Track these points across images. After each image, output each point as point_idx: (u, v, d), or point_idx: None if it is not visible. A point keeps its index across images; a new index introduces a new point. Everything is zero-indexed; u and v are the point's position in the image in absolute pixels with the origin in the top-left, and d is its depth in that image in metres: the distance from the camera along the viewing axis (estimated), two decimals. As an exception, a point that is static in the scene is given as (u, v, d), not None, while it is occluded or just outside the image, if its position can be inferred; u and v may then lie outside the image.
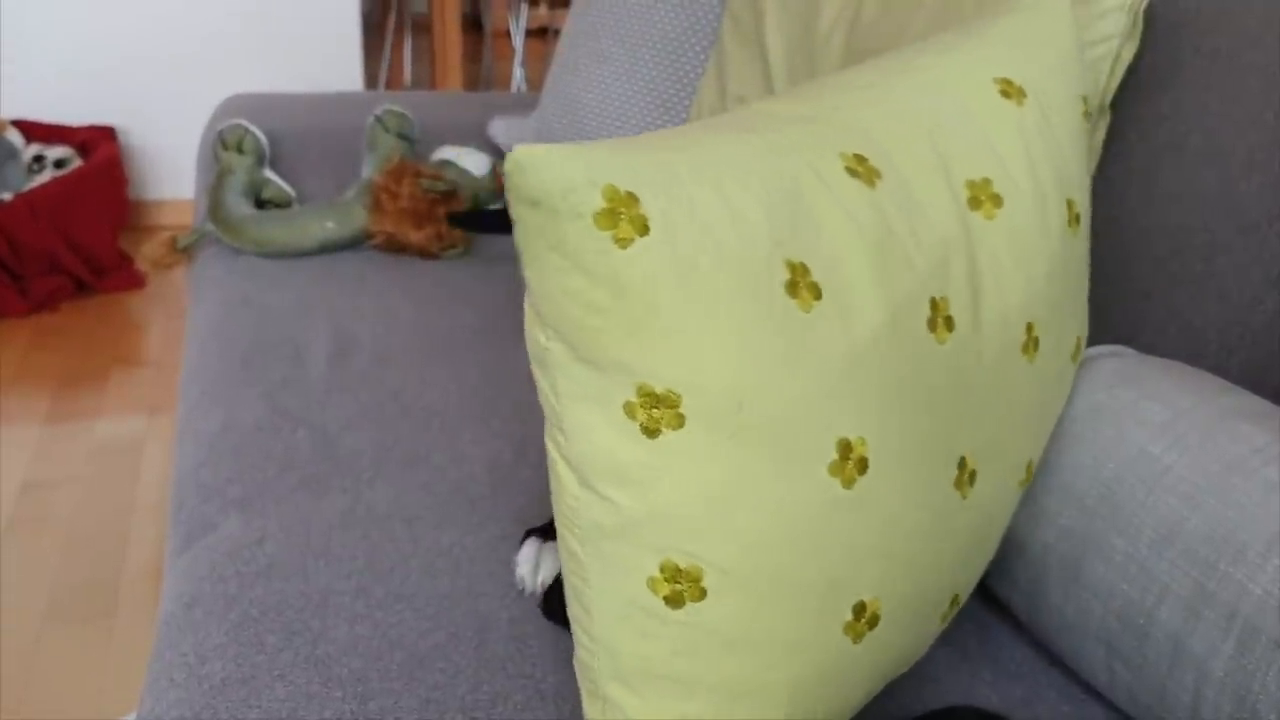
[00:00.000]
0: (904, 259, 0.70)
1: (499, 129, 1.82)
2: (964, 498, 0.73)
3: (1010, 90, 0.81)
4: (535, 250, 0.61)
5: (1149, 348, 1.05)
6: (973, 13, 1.22)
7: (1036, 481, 0.83)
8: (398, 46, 4.83)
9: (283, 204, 1.63)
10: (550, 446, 0.67)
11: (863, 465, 0.66)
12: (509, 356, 1.29)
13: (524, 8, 3.99)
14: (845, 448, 0.65)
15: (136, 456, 2.13)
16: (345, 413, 1.16)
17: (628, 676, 0.66)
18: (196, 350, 1.36)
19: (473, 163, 1.61)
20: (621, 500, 0.63)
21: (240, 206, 1.55)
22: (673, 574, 0.64)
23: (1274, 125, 1.02)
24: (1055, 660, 0.86)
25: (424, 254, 1.56)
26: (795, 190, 0.67)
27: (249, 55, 3.17)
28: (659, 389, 0.61)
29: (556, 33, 6.16)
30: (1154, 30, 1.16)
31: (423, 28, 6.08)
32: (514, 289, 1.47)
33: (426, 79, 4.98)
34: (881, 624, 0.69)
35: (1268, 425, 0.76)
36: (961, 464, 0.72)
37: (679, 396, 0.62)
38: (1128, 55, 1.15)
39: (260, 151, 1.63)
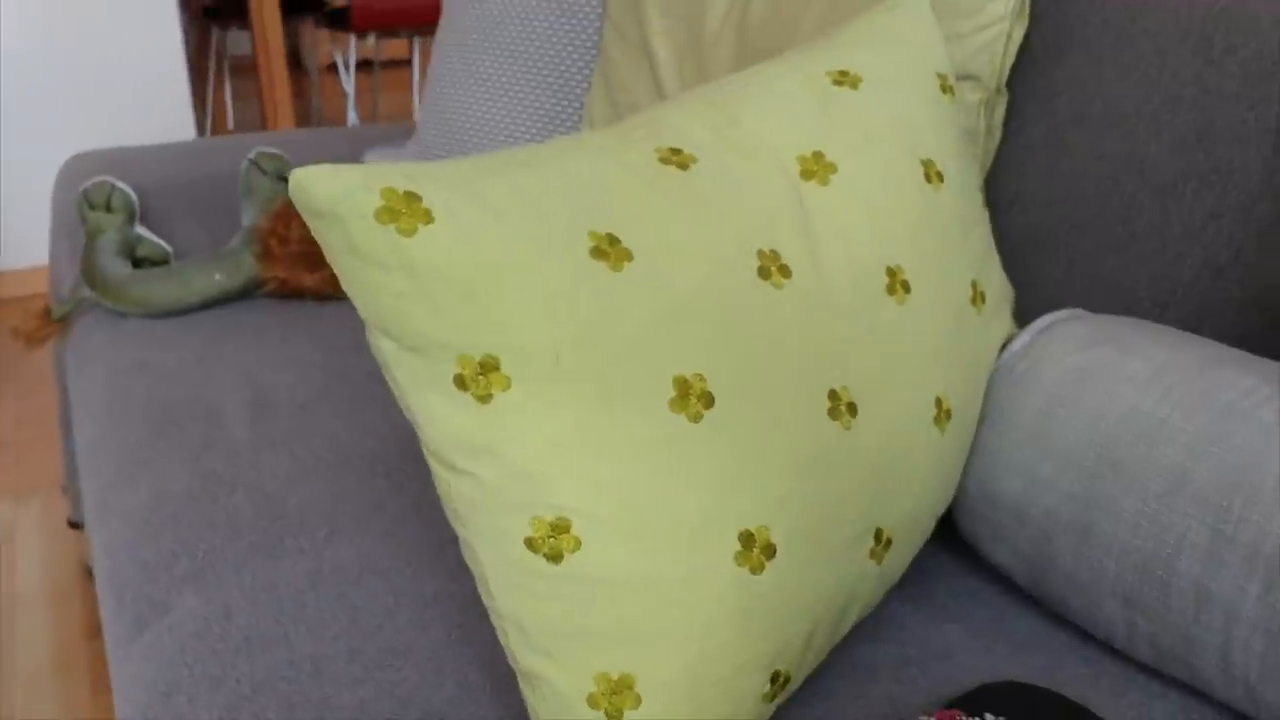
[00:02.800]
0: (722, 222, 0.75)
1: (378, 158, 1.77)
2: (846, 428, 0.76)
3: (844, 79, 0.89)
4: (337, 258, 0.68)
5: (1092, 309, 1.07)
6: (861, 7, 1.24)
7: (1028, 449, 0.84)
8: (219, 90, 4.67)
9: (159, 261, 1.55)
10: (423, 449, 0.73)
11: (707, 399, 0.70)
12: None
13: (352, 41, 3.91)
14: (683, 385, 0.70)
15: (9, 547, 2.00)
16: (282, 469, 1.11)
17: (539, 644, 0.70)
18: (93, 423, 1.28)
19: (358, 198, 1.56)
20: (479, 470, 0.69)
21: (117, 267, 1.47)
22: (545, 530, 0.68)
23: (1171, 86, 1.06)
24: (1064, 624, 0.88)
25: (320, 297, 1.50)
26: (600, 177, 0.73)
27: (66, 114, 3.03)
28: (477, 356, 0.67)
29: (384, 64, 6.06)
30: (1039, 6, 1.19)
31: (238, 70, 5.91)
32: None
33: (252, 121, 4.83)
34: (781, 553, 0.72)
35: (1247, 369, 0.78)
36: (834, 396, 0.76)
37: (497, 358, 0.67)
38: (1018, 34, 1.19)
39: (130, 208, 1.55)
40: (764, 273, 0.75)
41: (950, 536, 1.00)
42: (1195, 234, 1.03)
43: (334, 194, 0.67)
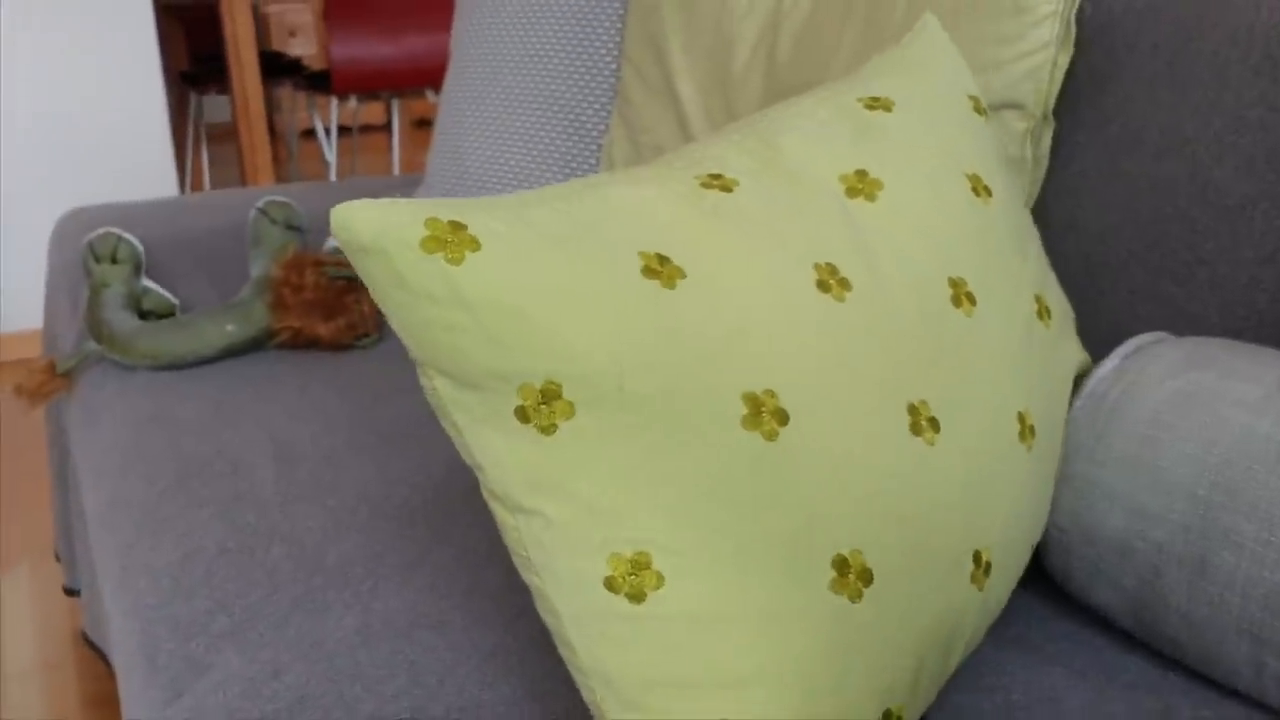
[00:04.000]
0: (771, 237, 0.72)
1: (382, 212, 1.73)
2: (930, 444, 0.72)
3: (877, 103, 0.87)
4: (385, 295, 0.65)
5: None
6: (891, 38, 1.22)
7: (1131, 480, 0.79)
8: (196, 155, 4.63)
9: (166, 314, 1.50)
10: (484, 494, 0.68)
11: (781, 416, 0.67)
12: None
13: (333, 104, 3.89)
14: (754, 402, 0.66)
15: (-1, 617, 1.91)
16: (315, 522, 1.05)
17: (629, 697, 0.65)
18: (107, 480, 1.22)
19: (372, 246, 1.51)
20: (548, 509, 0.65)
21: (125, 320, 1.41)
22: (624, 568, 0.64)
23: (1234, 108, 1.04)
24: (1173, 665, 0.83)
25: (336, 346, 1.45)
26: (643, 202, 0.71)
27: (53, 179, 2.97)
28: (538, 384, 0.64)
29: (362, 129, 6.04)
30: (1085, 34, 1.17)
31: (213, 136, 5.87)
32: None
33: (230, 186, 4.79)
34: (879, 579, 0.68)
35: (1366, 387, 0.74)
36: (913, 411, 0.72)
37: (559, 385, 0.64)
38: (1064, 61, 1.16)
39: (137, 259, 1.49)
40: (823, 285, 0.72)
41: (1034, 577, 0.96)
42: (1269, 258, 1.00)
43: (378, 227, 0.64)
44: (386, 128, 6.21)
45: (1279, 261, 0.99)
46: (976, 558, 0.74)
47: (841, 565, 0.66)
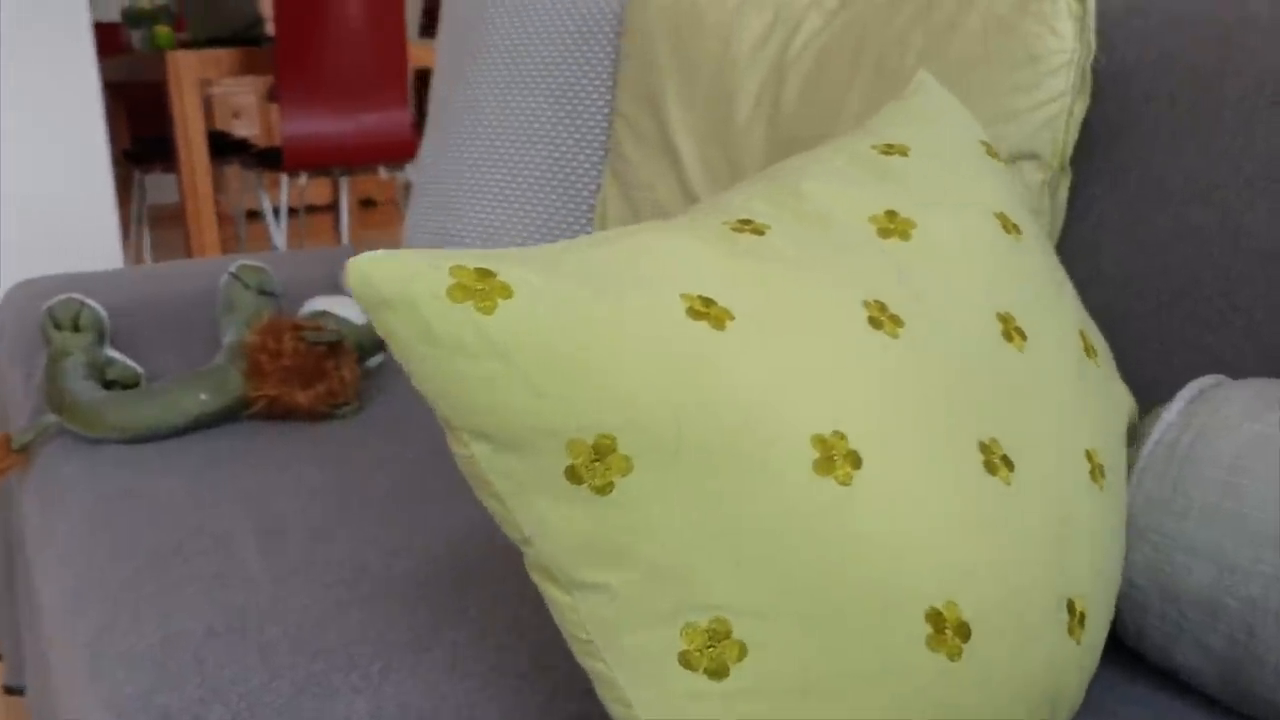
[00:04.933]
0: (814, 277, 0.68)
1: (356, 279, 1.66)
2: (1007, 484, 0.67)
3: (892, 149, 0.84)
4: (411, 353, 0.60)
5: (1194, 391, 1.00)
6: (898, 87, 1.19)
7: (1216, 531, 0.74)
8: (139, 236, 4.53)
9: (131, 384, 1.41)
10: (530, 571, 0.62)
11: (854, 459, 0.61)
12: (466, 509, 1.13)
13: (284, 182, 3.82)
14: (824, 445, 0.60)
15: (-64, 717, 1.78)
16: (312, 601, 0.97)
17: None
18: (71, 561, 1.12)
19: (351, 311, 1.45)
20: (611, 580, 0.59)
21: (89, 390, 1.32)
22: (701, 639, 0.58)
23: (1264, 151, 1.01)
24: (1263, 729, 0.77)
25: (314, 415, 1.37)
26: (676, 248, 0.66)
27: (-4, 250, 2.87)
28: (590, 439, 0.58)
29: (307, 209, 5.97)
30: (1099, 85, 1.15)
31: (155, 220, 5.77)
32: (435, 437, 1.31)
33: (174, 266, 4.68)
34: (977, 633, 0.61)
35: None
36: (985, 449, 0.67)
37: (613, 438, 0.58)
38: (1080, 111, 1.14)
39: (100, 327, 1.41)
40: (875, 323, 0.67)
41: (1087, 641, 0.90)
42: (1312, 303, 0.97)
43: (400, 277, 0.59)
44: (332, 208, 6.15)
45: (1322, 306, 0.96)
46: (1070, 607, 0.68)
47: (937, 620, 0.60)
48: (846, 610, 0.58)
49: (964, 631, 0.61)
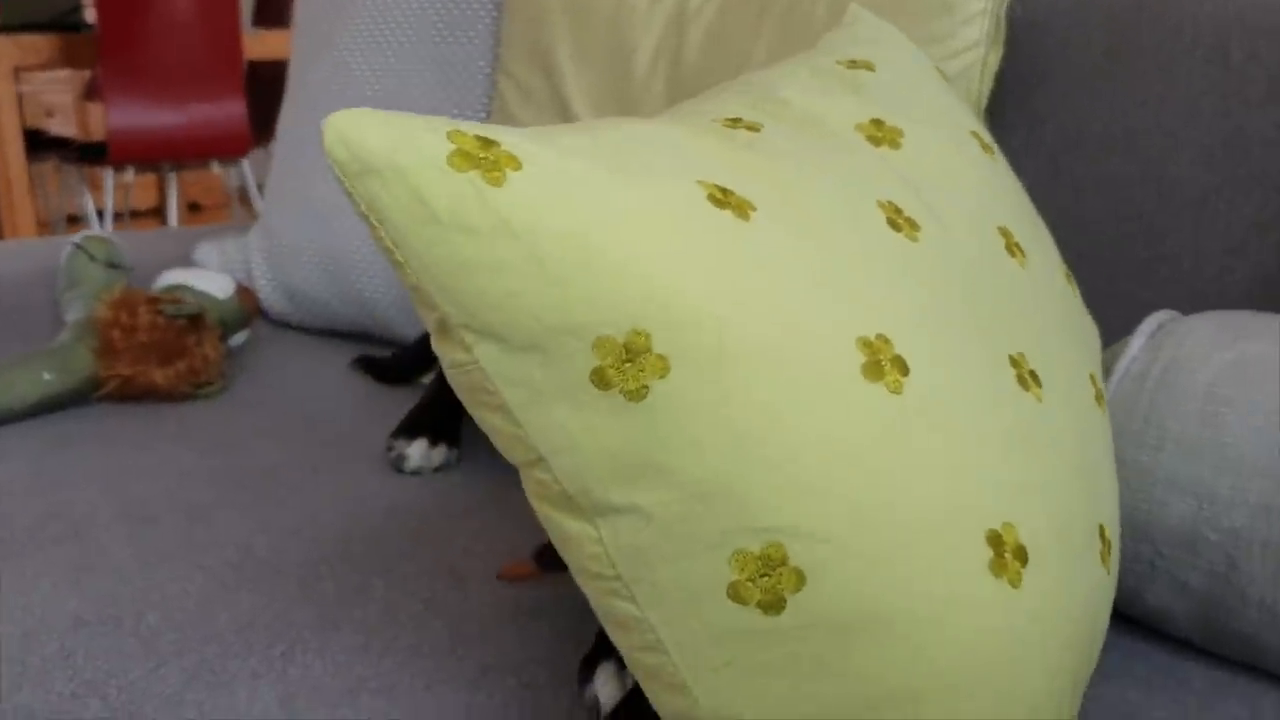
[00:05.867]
0: (823, 174, 0.61)
1: (210, 253, 1.54)
2: (1040, 401, 0.62)
3: (856, 64, 0.78)
4: (401, 233, 0.50)
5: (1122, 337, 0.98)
6: (820, 33, 1.14)
7: (1195, 464, 0.71)
8: (-55, 235, 4.20)
9: (-40, 367, 1.26)
10: (538, 503, 0.53)
11: (901, 365, 0.54)
12: (359, 487, 1.03)
13: (109, 179, 3.59)
14: (870, 348, 0.54)
15: None
16: (193, 585, 0.86)
17: None
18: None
19: (212, 284, 1.33)
20: (646, 501, 0.50)
21: (-88, 372, 1.17)
22: (753, 567, 0.50)
23: (1185, 99, 1.00)
24: (1241, 669, 0.74)
25: (174, 396, 1.25)
26: (675, 138, 0.59)
27: None
28: (621, 335, 0.50)
29: (134, 214, 5.64)
30: (1014, 35, 1.13)
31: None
32: (312, 415, 1.20)
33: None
34: (1034, 559, 0.55)
35: None
36: (1015, 363, 0.62)
37: (647, 335, 0.50)
38: (994, 61, 1.11)
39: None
40: (894, 224, 0.61)
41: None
42: (1238, 247, 0.96)
43: (389, 139, 0.50)
44: (158, 211, 5.83)
45: (1249, 250, 0.95)
46: (1101, 533, 0.63)
47: (996, 542, 0.53)
48: (909, 531, 0.51)
49: (1022, 556, 0.55)
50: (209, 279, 1.33)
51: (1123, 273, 1.02)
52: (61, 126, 5.60)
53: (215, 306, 1.31)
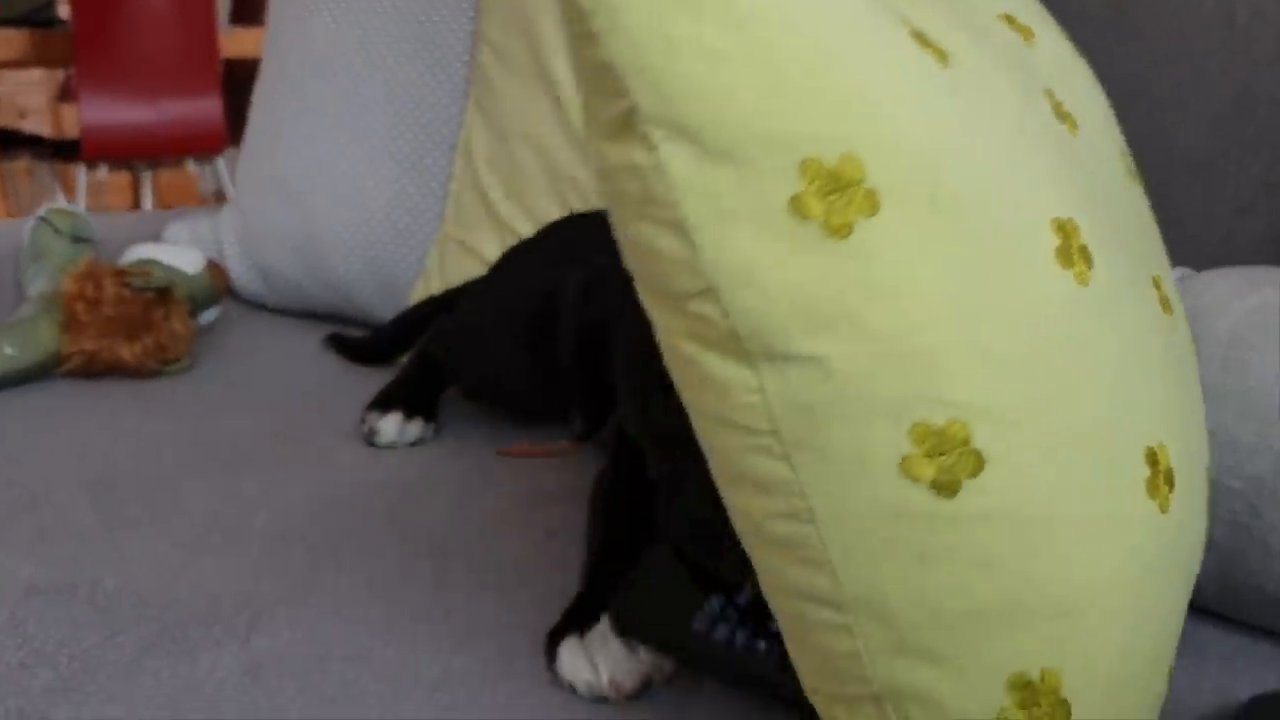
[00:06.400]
0: (990, 46, 0.56)
1: (181, 232, 1.49)
2: (1174, 330, 0.58)
3: None
4: (597, 7, 0.43)
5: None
6: None
7: (1215, 411, 0.67)
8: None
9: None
10: (685, 342, 0.46)
11: (1086, 256, 0.50)
12: (332, 459, 0.98)
13: (82, 177, 3.53)
14: (1063, 231, 0.49)
15: None
16: (156, 552, 0.81)
17: (920, 641, 0.45)
18: None
19: (181, 258, 1.28)
20: (830, 351, 0.45)
21: None
22: (933, 442, 0.45)
23: (1190, 59, 0.97)
24: (1261, 635, 0.71)
25: (140, 372, 1.20)
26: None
27: None
28: (832, 160, 0.44)
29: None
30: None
31: (-70, 220, 5.29)
32: (284, 393, 1.15)
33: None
34: (1179, 484, 0.52)
35: None
36: (1156, 283, 0.58)
37: (862, 164, 0.44)
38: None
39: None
40: (1058, 113, 0.57)
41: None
42: (1248, 208, 0.92)
43: None
44: (133, 211, 5.77)
45: (1258, 211, 0.92)
46: (1209, 475, 0.60)
47: (1153, 461, 0.50)
48: (1083, 433, 0.47)
49: (1170, 479, 0.51)
50: (178, 253, 1.29)
51: (1126, 238, 0.98)
52: (35, 127, 5.53)
53: (184, 281, 1.26)
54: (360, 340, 1.28)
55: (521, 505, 0.89)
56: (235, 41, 3.63)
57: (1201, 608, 0.72)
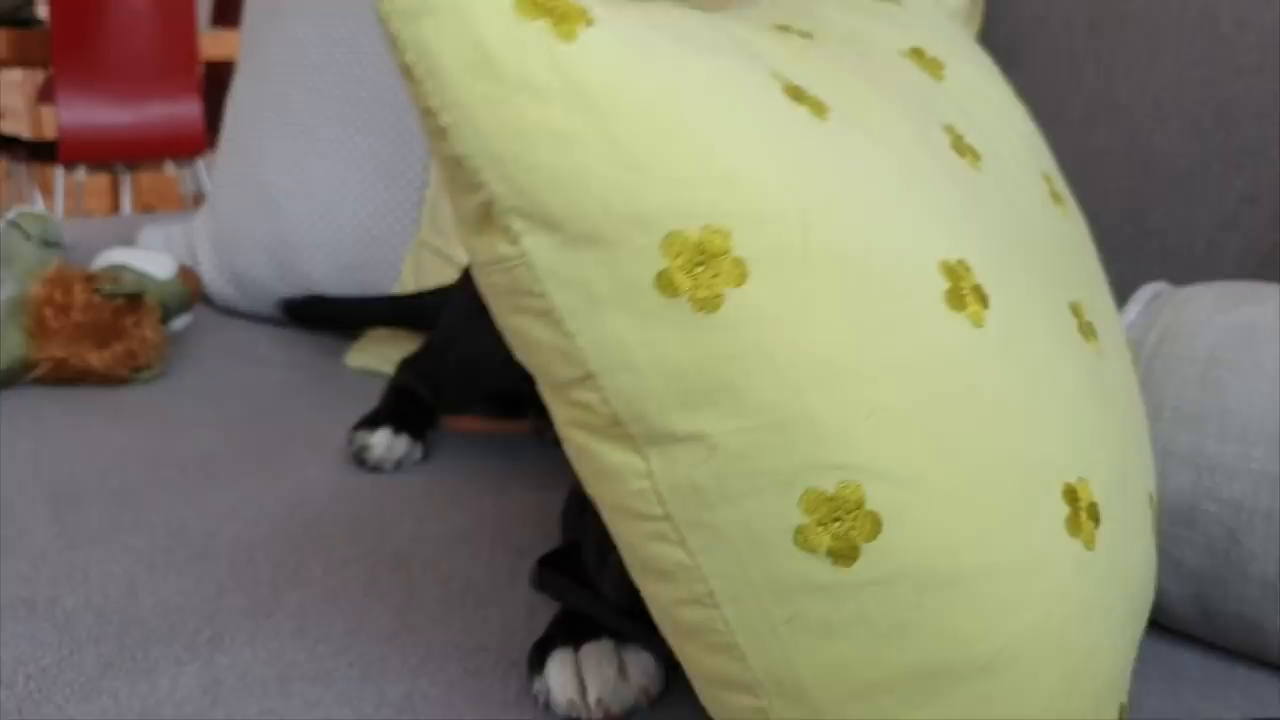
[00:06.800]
0: (884, 84, 0.55)
1: (155, 238, 1.47)
2: (1099, 355, 0.56)
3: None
4: (456, 91, 0.43)
5: (1109, 318, 0.94)
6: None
7: (1194, 431, 0.66)
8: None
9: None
10: (573, 431, 0.46)
11: (981, 296, 0.48)
12: (301, 471, 0.97)
13: (59, 180, 3.50)
14: (953, 273, 0.48)
15: None
16: (118, 567, 0.80)
17: (833, 714, 0.44)
18: None
19: (152, 264, 1.26)
20: (711, 427, 0.44)
21: None
22: (825, 509, 0.43)
23: (1172, 70, 0.96)
24: (1238, 659, 0.69)
25: (109, 380, 1.18)
26: (737, 32, 0.53)
27: None
28: (695, 232, 0.43)
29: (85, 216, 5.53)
30: (992, 6, 1.09)
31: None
32: (255, 403, 1.14)
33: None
34: (1105, 519, 0.50)
35: None
36: (1075, 311, 0.57)
37: (727, 233, 0.43)
38: (970, 34, 1.07)
39: None
40: (958, 149, 0.56)
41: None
42: (1229, 221, 0.92)
43: None
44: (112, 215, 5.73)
45: (1240, 224, 0.91)
46: (1151, 502, 0.58)
47: (1072, 498, 0.48)
48: (989, 480, 0.46)
49: (1095, 514, 0.50)
50: (150, 259, 1.27)
51: (1109, 249, 0.97)
52: (14, 128, 5.49)
53: (156, 287, 1.25)
54: (317, 301, 1.29)
55: (491, 523, 0.87)
56: (216, 43, 3.61)
57: (1179, 632, 0.71)
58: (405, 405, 1.03)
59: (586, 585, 0.64)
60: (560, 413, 0.47)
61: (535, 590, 0.68)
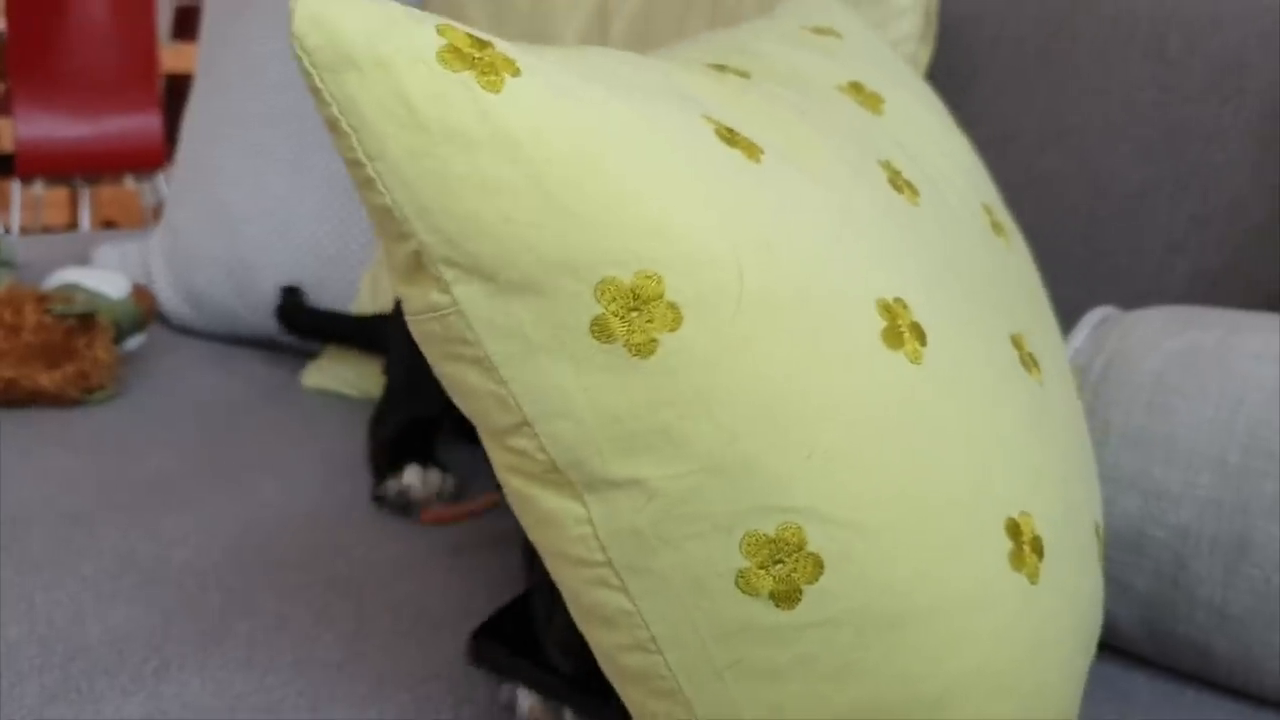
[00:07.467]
0: (820, 123, 0.56)
1: (111, 257, 1.46)
2: (1041, 385, 0.57)
3: (823, 31, 0.72)
4: (381, 143, 0.43)
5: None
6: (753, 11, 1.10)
7: (1140, 457, 0.67)
8: None
9: None
10: (510, 477, 0.46)
11: (919, 334, 0.49)
12: (255, 495, 0.96)
13: (16, 194, 3.46)
14: (889, 312, 0.48)
15: None
16: (65, 594, 0.79)
17: None
18: None
19: (106, 283, 1.25)
20: (649, 472, 0.44)
21: None
22: (767, 552, 0.44)
23: (1121, 92, 0.97)
24: (1186, 679, 0.70)
25: (60, 401, 1.17)
26: (671, 74, 0.53)
27: None
28: (627, 278, 0.43)
29: (44, 231, 5.47)
30: (946, 29, 1.10)
31: None
32: (209, 424, 1.13)
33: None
34: (1049, 552, 0.50)
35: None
36: (1016, 343, 0.57)
37: (659, 279, 0.43)
38: (924, 57, 1.08)
39: None
40: (895, 185, 0.56)
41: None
42: (1179, 243, 0.93)
43: (372, 28, 0.43)
44: (71, 230, 5.68)
45: (1189, 246, 0.92)
46: (1097, 531, 0.58)
47: (1015, 533, 0.48)
48: (930, 518, 0.46)
49: (1039, 548, 0.50)
50: (103, 278, 1.25)
51: (1059, 272, 0.98)
52: (-28, 141, 5.43)
53: (109, 307, 1.23)
54: (314, 311, 1.28)
55: (445, 549, 0.87)
56: (176, 56, 3.59)
57: (1128, 654, 0.71)
58: (413, 439, 1.01)
59: (535, 641, 0.63)
60: (499, 459, 0.47)
61: (473, 667, 0.66)
